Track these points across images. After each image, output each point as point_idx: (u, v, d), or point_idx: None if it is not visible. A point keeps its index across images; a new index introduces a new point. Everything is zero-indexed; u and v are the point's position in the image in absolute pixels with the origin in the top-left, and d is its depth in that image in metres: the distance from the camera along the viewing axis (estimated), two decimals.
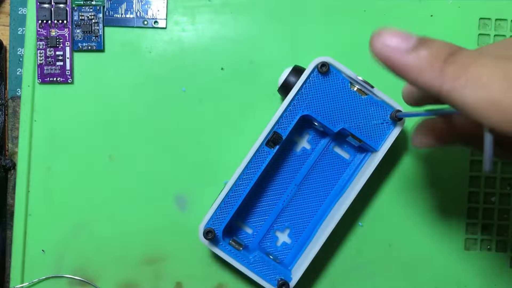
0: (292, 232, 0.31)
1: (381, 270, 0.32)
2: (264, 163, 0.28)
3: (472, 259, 0.33)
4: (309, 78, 0.28)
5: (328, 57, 0.28)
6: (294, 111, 0.28)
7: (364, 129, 0.28)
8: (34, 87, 0.32)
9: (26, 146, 0.32)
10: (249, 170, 0.28)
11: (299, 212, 0.31)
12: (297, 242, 0.31)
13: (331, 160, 0.31)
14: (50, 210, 0.32)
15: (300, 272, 0.28)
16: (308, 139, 0.31)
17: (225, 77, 0.32)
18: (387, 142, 0.28)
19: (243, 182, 0.28)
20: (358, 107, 0.28)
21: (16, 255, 0.32)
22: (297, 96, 0.28)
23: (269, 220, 0.31)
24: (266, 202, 0.31)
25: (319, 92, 0.28)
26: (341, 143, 0.31)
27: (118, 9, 0.32)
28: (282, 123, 0.28)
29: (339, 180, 0.31)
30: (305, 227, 0.31)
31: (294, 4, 0.32)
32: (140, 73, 0.32)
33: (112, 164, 0.32)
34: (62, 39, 0.32)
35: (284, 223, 0.31)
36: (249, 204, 0.31)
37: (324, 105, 0.28)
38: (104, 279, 0.32)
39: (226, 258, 0.29)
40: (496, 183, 0.33)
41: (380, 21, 0.33)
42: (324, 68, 0.28)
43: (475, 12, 0.33)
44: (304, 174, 0.31)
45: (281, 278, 0.28)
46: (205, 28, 0.32)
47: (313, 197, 0.31)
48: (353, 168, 0.31)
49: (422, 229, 0.32)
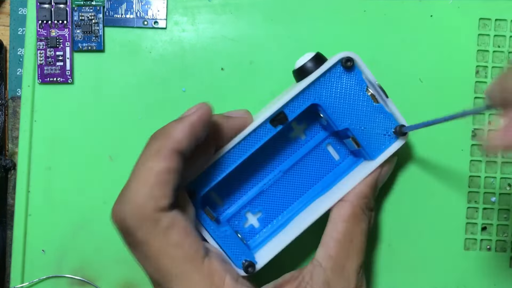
0: (262, 217, 0.30)
1: (381, 270, 0.32)
2: (262, 139, 0.27)
3: (472, 259, 0.33)
4: (331, 69, 0.27)
5: (355, 54, 0.27)
6: (307, 97, 0.27)
7: (367, 136, 0.28)
8: (34, 87, 0.32)
9: (26, 146, 0.32)
10: (246, 142, 0.27)
11: (276, 199, 0.30)
12: (265, 228, 0.30)
13: (321, 157, 0.30)
14: (50, 210, 0.32)
15: (265, 260, 0.27)
16: (305, 129, 0.30)
17: (225, 77, 0.32)
18: (385, 154, 0.28)
19: (236, 153, 0.27)
20: (367, 113, 0.28)
21: (16, 255, 0.32)
22: (314, 83, 0.27)
23: (244, 199, 0.30)
24: (247, 180, 0.30)
25: (336, 86, 0.28)
26: (336, 143, 0.30)
27: (118, 9, 0.32)
28: (292, 106, 0.27)
29: (322, 179, 0.30)
30: (277, 215, 0.30)
31: (294, 4, 0.32)
32: (140, 73, 0.32)
33: (112, 164, 0.32)
34: (62, 39, 0.32)
35: (258, 206, 0.30)
36: (230, 177, 0.29)
37: (336, 101, 0.28)
38: (104, 279, 0.32)
39: (198, 227, 0.27)
40: (496, 183, 0.33)
41: (380, 21, 0.33)
42: (349, 64, 0.27)
43: (475, 12, 0.33)
44: (291, 163, 0.30)
45: (246, 260, 0.27)
46: (205, 28, 0.32)
47: (294, 188, 0.30)
48: (340, 170, 0.30)
49: (422, 229, 0.32)
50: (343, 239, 0.27)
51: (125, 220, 0.22)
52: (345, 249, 0.26)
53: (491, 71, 0.33)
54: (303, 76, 0.28)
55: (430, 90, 0.32)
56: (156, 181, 0.22)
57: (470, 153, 0.33)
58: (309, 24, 0.32)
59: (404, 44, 0.33)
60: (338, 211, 0.27)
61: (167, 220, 0.22)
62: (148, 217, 0.22)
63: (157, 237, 0.22)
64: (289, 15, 0.32)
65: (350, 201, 0.27)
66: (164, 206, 0.22)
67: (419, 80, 0.33)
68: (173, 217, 0.22)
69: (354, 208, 0.27)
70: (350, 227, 0.27)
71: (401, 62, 0.32)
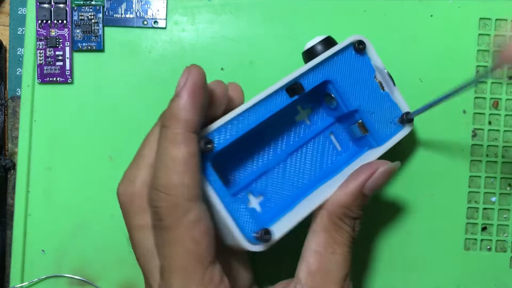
0: (264, 201, 0.28)
1: (381, 270, 0.32)
2: (278, 107, 0.26)
3: (472, 259, 0.33)
4: (344, 49, 0.27)
5: (366, 39, 0.28)
6: (321, 73, 0.27)
7: (374, 120, 0.28)
8: (34, 87, 0.32)
9: (26, 146, 0.32)
10: (261, 106, 0.26)
11: (280, 182, 0.29)
12: (265, 214, 0.28)
13: (323, 145, 0.30)
14: (50, 210, 0.32)
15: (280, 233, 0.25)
16: (309, 114, 0.30)
17: (225, 77, 0.32)
18: (392, 141, 0.28)
19: (251, 116, 0.25)
20: (375, 99, 0.28)
21: (16, 255, 0.32)
22: (328, 60, 0.27)
23: (250, 176, 0.28)
24: (251, 156, 0.28)
25: (348, 67, 0.28)
26: (339, 132, 0.30)
27: (118, 9, 0.32)
28: (307, 78, 0.27)
29: (325, 167, 0.29)
30: (279, 200, 0.28)
31: (294, 4, 0.32)
32: (140, 73, 0.32)
33: (112, 164, 0.32)
34: (62, 39, 0.32)
35: (261, 187, 0.28)
36: (235, 150, 0.27)
37: (347, 81, 0.27)
38: (104, 279, 0.32)
39: (207, 189, 0.24)
40: (496, 183, 0.33)
41: (380, 21, 0.33)
42: (361, 47, 0.27)
43: (475, 12, 0.33)
44: (296, 146, 0.29)
45: (262, 228, 0.24)
46: (205, 28, 0.32)
47: (297, 173, 0.29)
48: (343, 160, 0.30)
49: (422, 229, 0.32)
50: (324, 251, 0.25)
51: (158, 206, 0.22)
52: (327, 261, 0.25)
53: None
54: (313, 57, 0.27)
55: (430, 90, 0.32)
56: (184, 169, 0.22)
57: (470, 153, 0.33)
58: (309, 24, 0.32)
59: (404, 44, 0.33)
60: (316, 221, 0.26)
61: (195, 213, 0.22)
62: (180, 206, 0.22)
63: (182, 227, 0.22)
64: (289, 15, 0.32)
65: (327, 210, 0.26)
66: (196, 195, 0.22)
67: (419, 80, 0.33)
68: (200, 211, 0.22)
69: (331, 217, 0.25)
70: (330, 239, 0.25)
71: (401, 62, 0.32)
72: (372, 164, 0.26)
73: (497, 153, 0.33)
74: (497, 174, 0.33)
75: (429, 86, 0.32)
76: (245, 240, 0.24)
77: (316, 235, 0.26)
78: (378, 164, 0.26)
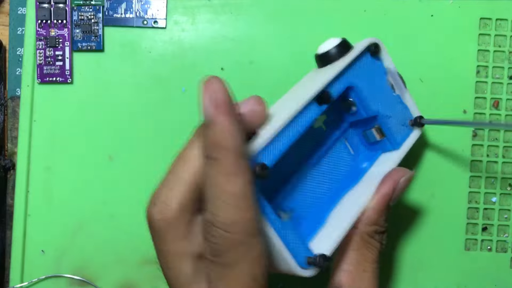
0: (294, 216, 0.27)
1: (381, 270, 0.32)
2: (310, 118, 0.24)
3: (472, 259, 0.33)
4: (362, 54, 0.27)
5: (380, 41, 0.27)
6: (344, 79, 0.26)
7: (391, 124, 0.28)
8: (33, 87, 0.32)
9: (25, 146, 0.32)
10: (296, 119, 0.24)
11: (306, 195, 0.28)
12: (300, 228, 0.26)
13: (341, 151, 0.29)
14: (49, 210, 0.32)
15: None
16: (324, 120, 0.29)
17: (225, 77, 0.32)
18: (408, 144, 0.28)
19: (290, 128, 0.24)
20: (389, 101, 0.28)
21: (15, 256, 0.32)
22: (350, 66, 0.26)
23: (279, 194, 0.27)
24: (278, 172, 0.26)
25: (366, 71, 0.27)
26: (352, 135, 0.30)
27: (117, 9, 0.32)
28: (333, 85, 0.26)
29: (343, 174, 0.29)
30: (310, 215, 0.27)
31: (294, 4, 0.32)
32: (140, 73, 0.32)
33: (112, 164, 0.32)
34: (62, 39, 0.32)
35: (290, 203, 0.27)
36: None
37: (366, 86, 0.27)
38: (104, 279, 0.32)
39: (264, 218, 0.22)
40: (496, 183, 0.33)
41: (380, 21, 0.33)
42: (376, 50, 0.27)
43: (476, 12, 0.33)
44: (318, 155, 0.28)
45: (316, 254, 0.23)
46: (205, 28, 0.32)
47: (323, 184, 0.28)
48: (359, 164, 0.29)
49: (423, 229, 0.32)
50: (355, 270, 0.25)
51: (217, 242, 0.20)
52: (359, 280, 0.25)
53: (491, 71, 0.33)
54: (327, 62, 0.27)
55: (430, 90, 0.32)
56: (244, 203, 0.20)
57: (470, 153, 0.33)
58: (309, 24, 0.32)
59: (404, 44, 0.33)
60: (347, 241, 0.26)
61: (258, 250, 0.21)
62: (243, 243, 0.20)
63: (244, 264, 0.20)
64: (289, 15, 0.32)
65: (358, 229, 0.25)
66: (258, 229, 0.21)
67: (420, 80, 0.32)
68: (262, 247, 0.21)
69: (362, 236, 0.25)
70: (361, 257, 0.25)
71: (401, 62, 0.32)
72: (393, 175, 0.26)
73: (497, 153, 0.33)
74: (498, 174, 0.33)
75: (429, 86, 0.32)
76: (297, 266, 0.23)
77: (347, 254, 0.25)
78: (398, 174, 0.26)
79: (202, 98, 0.20)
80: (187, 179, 0.22)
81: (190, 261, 0.22)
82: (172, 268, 0.22)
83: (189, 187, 0.22)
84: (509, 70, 0.33)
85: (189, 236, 0.22)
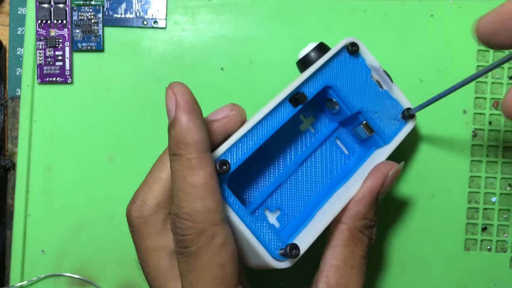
0: (282, 215, 0.28)
1: (381, 270, 0.32)
2: (283, 119, 0.26)
3: (472, 259, 0.33)
4: (338, 53, 0.28)
5: (358, 40, 0.28)
6: (320, 79, 0.27)
7: (379, 120, 0.28)
8: (33, 87, 0.32)
9: (25, 146, 0.32)
10: (267, 121, 0.25)
11: (294, 194, 0.28)
12: (285, 228, 0.27)
13: (331, 151, 0.30)
14: (49, 210, 0.32)
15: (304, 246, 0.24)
16: (313, 123, 0.30)
17: (225, 77, 0.32)
18: (399, 137, 0.28)
19: (259, 131, 0.25)
20: (375, 98, 0.28)
21: (15, 255, 0.32)
22: (325, 66, 0.27)
23: (264, 193, 0.28)
24: (262, 172, 0.28)
25: (345, 70, 0.28)
26: (345, 135, 0.30)
27: (117, 9, 0.32)
28: (308, 86, 0.27)
29: (335, 173, 0.29)
30: (296, 212, 0.28)
31: (294, 4, 0.32)
32: (140, 73, 0.32)
33: (112, 164, 0.32)
34: (62, 39, 0.32)
35: (276, 202, 0.28)
36: (246, 167, 0.27)
37: (346, 85, 0.28)
38: (104, 279, 0.32)
39: (227, 211, 0.23)
40: (496, 183, 0.33)
41: (380, 21, 0.33)
42: (354, 49, 0.28)
43: (475, 12, 0.33)
44: (305, 155, 0.29)
45: (288, 244, 0.24)
46: (205, 28, 0.32)
47: (309, 183, 0.29)
48: (353, 163, 0.29)
49: (422, 229, 0.32)
50: (343, 265, 0.25)
51: (183, 234, 0.21)
52: (346, 275, 0.25)
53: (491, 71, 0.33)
54: (308, 66, 0.27)
55: (430, 90, 0.32)
56: (206, 194, 0.21)
57: (470, 153, 0.33)
58: (308, 24, 0.32)
59: (404, 44, 0.33)
60: (335, 236, 0.26)
61: (222, 237, 0.22)
62: (207, 231, 0.21)
63: (210, 252, 0.21)
64: (289, 15, 0.32)
65: (348, 224, 0.26)
66: (221, 218, 0.22)
67: (419, 80, 0.32)
68: (226, 234, 0.22)
69: (352, 231, 0.26)
70: (349, 252, 0.25)
71: (401, 62, 0.32)
72: (381, 168, 0.26)
73: (497, 153, 0.33)
74: (497, 174, 0.33)
75: (429, 86, 0.32)
76: (271, 258, 0.24)
77: (335, 249, 0.26)
78: (386, 167, 0.26)
79: (166, 101, 0.22)
80: (164, 179, 0.24)
81: (167, 257, 0.23)
82: (150, 264, 0.24)
83: (166, 187, 0.23)
84: (509, 70, 0.33)
85: (165, 233, 0.24)
